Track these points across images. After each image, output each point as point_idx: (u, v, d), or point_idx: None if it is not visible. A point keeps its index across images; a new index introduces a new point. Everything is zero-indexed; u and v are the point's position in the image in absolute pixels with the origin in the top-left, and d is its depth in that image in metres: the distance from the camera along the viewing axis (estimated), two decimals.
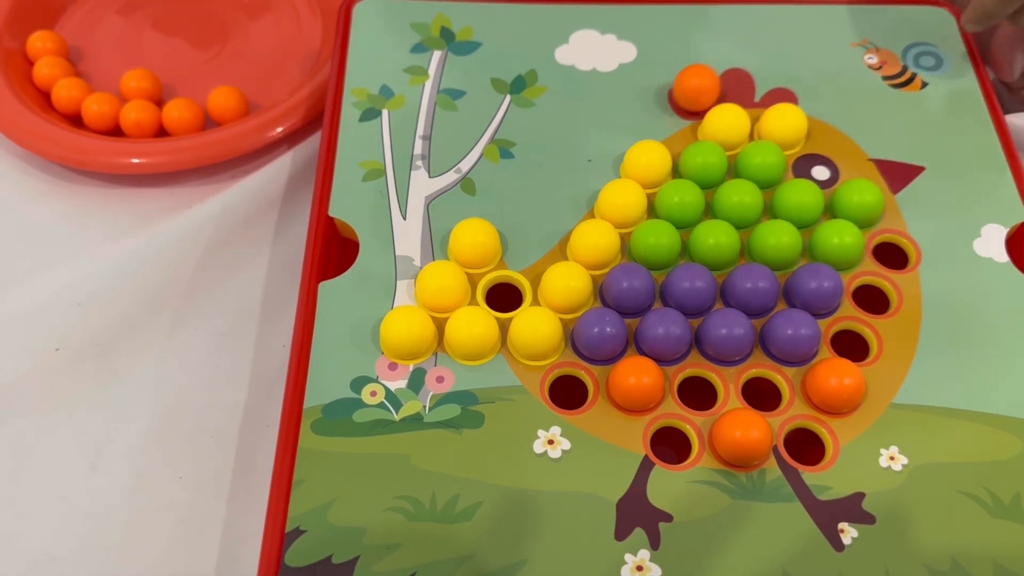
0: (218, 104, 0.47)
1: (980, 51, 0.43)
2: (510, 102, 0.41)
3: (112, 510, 0.36)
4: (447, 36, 0.43)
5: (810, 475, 0.31)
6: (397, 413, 0.32)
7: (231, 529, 0.36)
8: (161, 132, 0.47)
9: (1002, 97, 0.48)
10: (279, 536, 0.30)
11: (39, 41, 0.49)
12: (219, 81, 0.49)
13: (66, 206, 0.45)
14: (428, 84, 0.42)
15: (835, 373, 0.32)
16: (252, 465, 0.37)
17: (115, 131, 0.47)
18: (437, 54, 0.43)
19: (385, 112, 0.40)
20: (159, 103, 0.48)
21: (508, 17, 0.44)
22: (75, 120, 0.48)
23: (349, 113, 0.40)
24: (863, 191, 0.37)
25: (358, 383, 0.33)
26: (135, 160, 0.44)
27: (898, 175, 0.39)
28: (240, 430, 0.38)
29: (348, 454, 0.32)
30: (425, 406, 0.33)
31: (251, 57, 0.51)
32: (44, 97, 0.48)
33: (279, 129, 0.45)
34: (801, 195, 0.37)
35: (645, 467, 0.32)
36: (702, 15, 0.44)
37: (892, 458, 0.32)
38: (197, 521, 0.36)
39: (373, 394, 0.33)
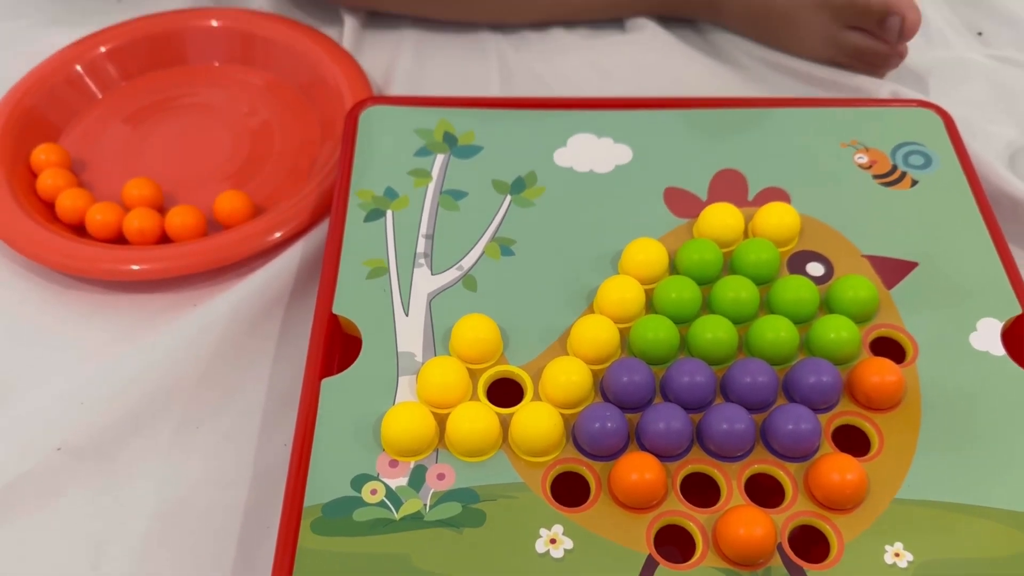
0: (225, 208, 0.47)
1: None
2: (510, 202, 0.42)
3: None
4: (450, 140, 0.45)
5: (816, 573, 0.31)
6: (397, 512, 0.32)
7: None
8: (164, 238, 0.48)
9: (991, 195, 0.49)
10: None
11: (43, 154, 0.50)
12: (222, 187, 0.49)
13: (70, 313, 0.45)
14: (431, 185, 0.43)
15: (837, 469, 0.32)
16: (252, 566, 0.36)
17: (119, 239, 0.48)
18: (440, 157, 0.44)
19: (389, 212, 0.42)
20: (161, 210, 0.49)
21: (509, 122, 0.45)
22: (78, 229, 0.48)
23: (354, 214, 0.41)
24: (858, 287, 0.37)
25: (359, 481, 0.33)
26: (135, 267, 0.45)
27: (892, 271, 0.39)
28: (241, 529, 0.37)
29: (348, 554, 0.31)
30: (426, 504, 0.32)
31: (255, 164, 0.52)
32: (48, 208, 0.49)
33: (277, 235, 0.45)
34: (797, 291, 0.37)
35: (649, 567, 0.31)
36: (694, 119, 0.46)
37: (897, 555, 0.31)
38: None
39: (373, 492, 0.33)
